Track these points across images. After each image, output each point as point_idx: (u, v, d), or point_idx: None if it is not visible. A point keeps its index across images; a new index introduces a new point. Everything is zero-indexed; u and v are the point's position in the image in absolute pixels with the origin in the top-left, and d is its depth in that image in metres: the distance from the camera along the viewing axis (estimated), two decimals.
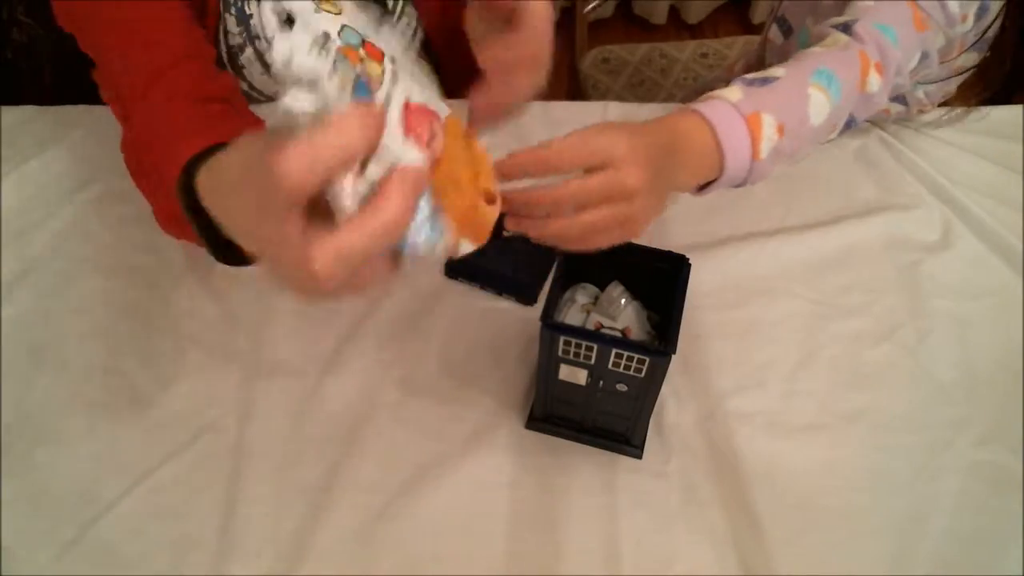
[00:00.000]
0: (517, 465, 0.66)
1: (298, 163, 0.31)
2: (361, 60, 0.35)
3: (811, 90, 0.62)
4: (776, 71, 0.63)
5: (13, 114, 0.93)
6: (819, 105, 0.62)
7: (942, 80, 0.88)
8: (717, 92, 0.59)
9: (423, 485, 0.65)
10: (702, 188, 0.59)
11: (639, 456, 0.66)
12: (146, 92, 0.58)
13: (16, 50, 1.24)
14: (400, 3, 0.83)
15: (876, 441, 0.68)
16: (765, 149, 0.58)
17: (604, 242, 0.51)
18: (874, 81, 0.66)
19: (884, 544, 0.63)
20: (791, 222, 0.86)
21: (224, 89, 0.62)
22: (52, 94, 1.25)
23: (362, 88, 0.34)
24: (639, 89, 1.37)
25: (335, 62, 0.33)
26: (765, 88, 0.60)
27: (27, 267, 0.78)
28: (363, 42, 0.36)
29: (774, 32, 0.94)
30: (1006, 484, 0.66)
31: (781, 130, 0.59)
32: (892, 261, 0.83)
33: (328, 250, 0.33)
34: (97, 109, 0.88)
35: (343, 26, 0.35)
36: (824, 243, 0.83)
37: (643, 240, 0.62)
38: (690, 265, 0.60)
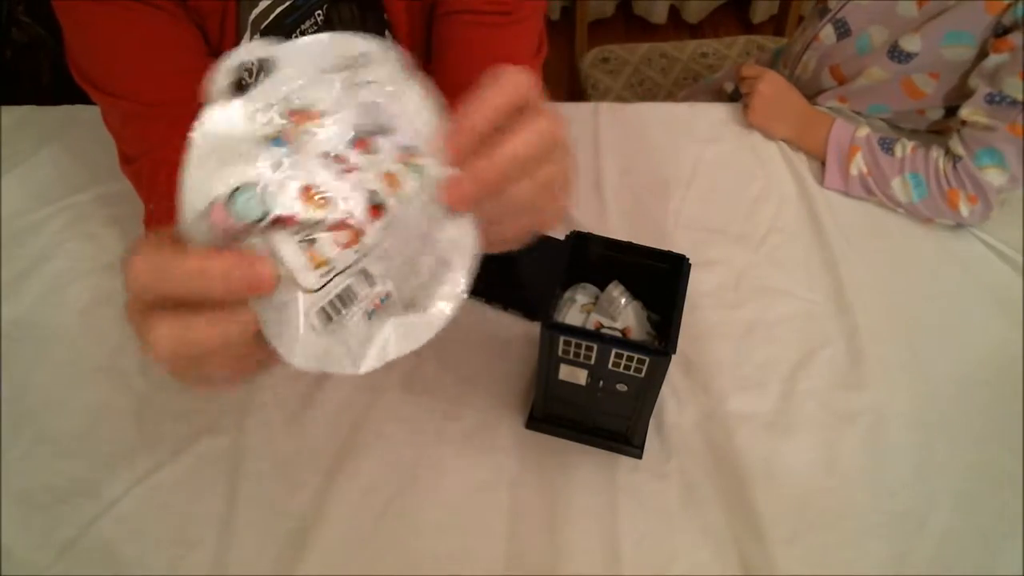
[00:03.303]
0: (517, 465, 0.66)
1: (145, 270, 0.32)
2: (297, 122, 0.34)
3: (898, 179, 0.84)
4: (898, 147, 0.85)
5: (13, 114, 0.93)
6: (899, 190, 0.85)
7: None
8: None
9: (423, 485, 0.65)
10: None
11: (639, 456, 0.66)
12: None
13: (16, 50, 1.24)
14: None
15: (876, 441, 0.68)
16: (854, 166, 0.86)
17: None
18: (964, 208, 0.82)
19: (884, 544, 0.63)
20: (790, 222, 0.86)
21: None
22: (52, 94, 1.25)
23: (279, 142, 0.34)
24: (639, 89, 1.37)
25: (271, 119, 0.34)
26: (881, 149, 0.86)
27: (27, 267, 0.78)
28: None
29: (826, 32, 0.93)
30: (1005, 484, 0.66)
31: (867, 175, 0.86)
32: (890, 260, 0.83)
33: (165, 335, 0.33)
34: (97, 109, 0.87)
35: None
36: (823, 243, 0.83)
37: (643, 240, 0.63)
38: (690, 265, 0.60)
